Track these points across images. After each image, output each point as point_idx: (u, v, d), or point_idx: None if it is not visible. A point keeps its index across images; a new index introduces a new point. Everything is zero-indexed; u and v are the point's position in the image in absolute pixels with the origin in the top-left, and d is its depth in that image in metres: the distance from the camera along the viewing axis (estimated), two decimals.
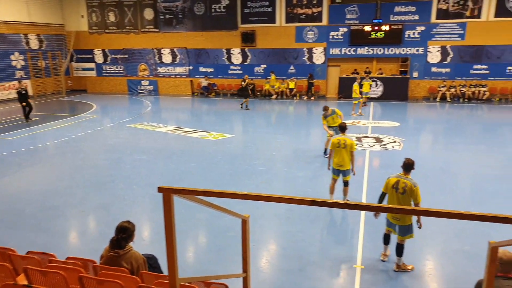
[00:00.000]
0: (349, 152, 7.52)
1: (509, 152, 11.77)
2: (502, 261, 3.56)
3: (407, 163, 5.52)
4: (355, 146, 7.60)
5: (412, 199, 5.39)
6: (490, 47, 20.47)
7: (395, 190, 5.47)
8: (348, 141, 7.55)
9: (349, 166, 7.60)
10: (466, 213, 1.92)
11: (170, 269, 2.57)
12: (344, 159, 7.55)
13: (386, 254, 5.81)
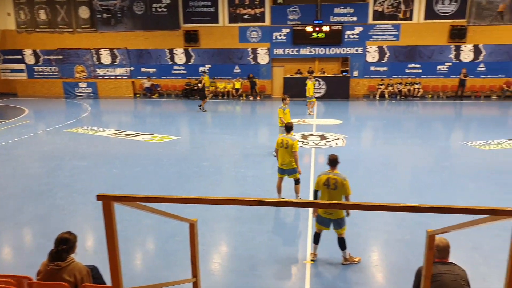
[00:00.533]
0: (290, 152, 7.55)
1: (442, 145, 12.63)
2: (438, 248, 3.76)
3: (331, 159, 5.78)
4: (297, 147, 7.60)
5: (342, 193, 5.60)
6: (422, 47, 21.87)
7: (326, 187, 5.63)
8: (290, 141, 7.56)
9: (293, 165, 7.64)
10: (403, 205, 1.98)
11: (114, 279, 2.40)
12: (286, 159, 7.61)
13: (315, 254, 5.85)
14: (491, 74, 21.78)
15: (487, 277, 5.25)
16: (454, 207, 1.91)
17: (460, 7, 21.00)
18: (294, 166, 7.64)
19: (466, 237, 6.07)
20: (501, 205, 7.59)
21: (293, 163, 7.61)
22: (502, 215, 1.84)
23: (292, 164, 7.62)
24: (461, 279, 3.53)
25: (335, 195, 5.60)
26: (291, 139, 7.60)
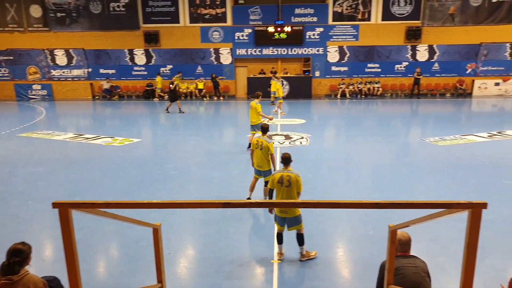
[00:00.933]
0: (266, 154, 7.52)
1: (401, 142, 13.09)
2: (400, 242, 3.88)
3: (284, 157, 5.85)
4: (272, 148, 7.58)
5: (296, 190, 5.69)
6: (380, 47, 22.59)
7: (280, 184, 5.69)
8: (265, 143, 7.51)
9: (267, 167, 7.62)
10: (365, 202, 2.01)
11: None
12: (261, 161, 7.59)
13: (281, 253, 5.87)
14: (445, 73, 22.84)
15: (445, 267, 5.48)
16: (414, 202, 1.96)
17: (414, 9, 21.88)
18: (269, 167, 7.60)
19: (425, 229, 6.30)
20: (457, 197, 7.97)
21: (267, 164, 7.58)
22: (457, 208, 1.92)
23: (266, 166, 7.59)
24: (421, 271, 3.65)
25: (289, 192, 5.66)
26: (266, 141, 7.54)
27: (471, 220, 1.91)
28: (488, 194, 8.23)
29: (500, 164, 10.28)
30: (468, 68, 22.72)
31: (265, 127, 8.01)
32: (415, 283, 3.57)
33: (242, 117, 18.04)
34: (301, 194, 5.76)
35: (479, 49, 22.30)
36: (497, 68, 22.60)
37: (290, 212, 5.63)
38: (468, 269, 2.00)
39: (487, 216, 6.85)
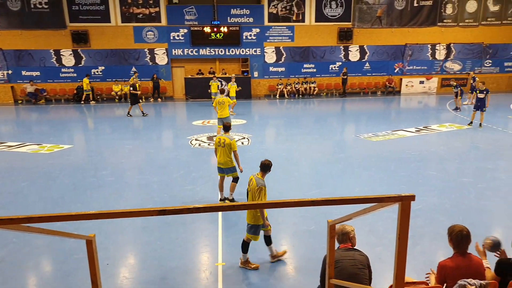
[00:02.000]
0: (229, 151, 7.57)
1: (337, 139, 13.62)
2: (340, 235, 4.03)
3: (262, 163, 5.84)
4: (235, 145, 7.62)
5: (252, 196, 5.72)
6: (314, 48, 23.35)
7: (249, 186, 5.79)
8: (227, 140, 7.55)
9: (230, 164, 7.68)
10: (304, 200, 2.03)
11: None
12: (223, 158, 7.62)
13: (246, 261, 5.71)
14: (375, 72, 24.19)
15: (382, 256, 5.76)
16: (349, 198, 2.02)
17: (345, 11, 22.91)
18: (232, 165, 7.66)
19: (363, 221, 6.59)
20: (389, 188, 8.41)
21: (230, 162, 7.63)
22: (388, 201, 2.00)
23: (229, 163, 7.63)
24: (359, 263, 3.81)
25: (251, 196, 5.73)
26: (229, 138, 7.57)
27: (401, 212, 2.00)
28: (416, 185, 8.83)
29: (426, 157, 11.07)
30: (396, 68, 24.27)
31: (227, 125, 8.00)
32: (352, 275, 3.72)
33: (181, 119, 17.70)
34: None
35: (404, 50, 23.91)
36: (421, 67, 24.39)
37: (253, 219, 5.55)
38: (401, 258, 2.09)
39: (417, 206, 7.36)
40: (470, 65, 24.56)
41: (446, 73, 24.33)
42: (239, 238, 6.11)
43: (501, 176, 9.41)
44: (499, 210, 7.61)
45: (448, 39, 23.96)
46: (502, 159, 10.82)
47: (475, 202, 7.93)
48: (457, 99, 18.01)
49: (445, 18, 23.61)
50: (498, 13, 23.83)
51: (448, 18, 23.63)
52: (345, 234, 4.03)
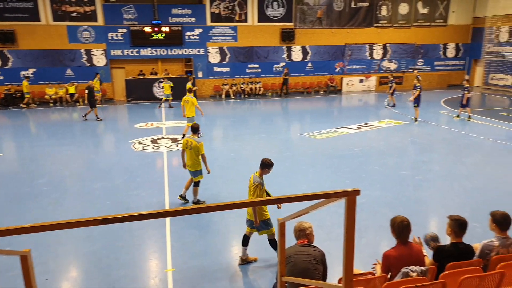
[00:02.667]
0: (196, 153, 7.45)
1: (283, 138, 13.82)
2: (297, 231, 4.11)
3: (262, 161, 5.76)
4: (202, 148, 7.49)
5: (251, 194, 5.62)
6: (258, 48, 23.54)
7: (248, 185, 5.74)
8: (194, 143, 7.44)
9: (197, 167, 7.55)
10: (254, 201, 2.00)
11: None
12: (190, 161, 7.51)
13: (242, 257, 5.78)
14: (317, 72, 24.88)
15: (331, 251, 5.90)
16: (297, 195, 2.02)
17: (287, 11, 23.34)
18: (198, 168, 7.55)
19: (311, 217, 6.73)
20: (334, 184, 8.66)
21: (197, 165, 7.52)
22: (335, 197, 2.03)
23: (196, 166, 7.51)
24: (312, 258, 3.88)
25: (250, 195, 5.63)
26: (195, 141, 7.46)
27: (348, 206, 2.04)
28: (360, 179, 9.19)
29: (368, 152, 11.57)
30: (336, 67, 25.14)
31: (195, 127, 7.86)
32: (304, 269, 3.79)
33: (123, 122, 17.04)
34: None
35: (344, 50, 24.84)
36: (360, 67, 25.49)
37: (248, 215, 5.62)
38: (349, 251, 2.13)
39: (361, 200, 7.64)
40: (404, 64, 26.07)
41: (383, 72, 25.63)
42: (189, 242, 6.00)
43: (435, 168, 10.07)
44: (434, 200, 8.14)
45: (384, 40, 25.27)
46: (435, 152, 11.59)
47: (413, 193, 8.42)
48: (392, 96, 18.96)
49: (381, 19, 24.87)
50: (427, 16, 25.54)
51: (383, 19, 24.90)
52: (302, 231, 4.11)
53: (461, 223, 3.89)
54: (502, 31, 23.95)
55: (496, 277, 3.18)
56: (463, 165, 10.32)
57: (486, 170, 9.91)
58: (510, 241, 3.97)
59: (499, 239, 3.96)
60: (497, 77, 24.71)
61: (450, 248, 3.91)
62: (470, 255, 3.93)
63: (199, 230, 6.68)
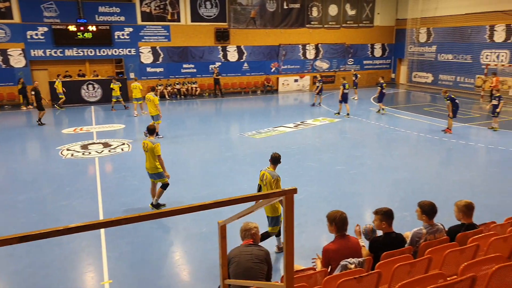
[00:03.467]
0: (152, 156, 7.17)
1: (223, 138, 13.73)
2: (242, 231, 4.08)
3: (273, 156, 6.04)
4: (159, 150, 7.19)
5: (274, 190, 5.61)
6: (193, 48, 23.18)
7: (262, 182, 5.94)
8: (150, 144, 7.19)
9: (156, 170, 7.26)
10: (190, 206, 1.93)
11: None
12: (149, 163, 7.31)
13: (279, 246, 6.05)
14: (254, 72, 25.09)
15: (273, 248, 5.96)
16: (237, 197, 1.97)
17: (220, 11, 23.24)
18: (159, 170, 7.30)
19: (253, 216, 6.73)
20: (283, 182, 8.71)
21: (158, 167, 7.28)
22: (273, 197, 2.02)
23: (156, 169, 7.28)
24: (256, 258, 3.87)
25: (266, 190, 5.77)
26: (151, 142, 7.23)
27: (286, 205, 2.04)
28: (298, 176, 9.40)
29: (305, 149, 11.89)
30: (272, 67, 25.55)
31: (152, 128, 7.58)
32: (247, 269, 3.78)
33: (48, 127, 15.83)
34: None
35: (279, 50, 25.32)
36: (294, 67, 26.14)
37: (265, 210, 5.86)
38: (289, 248, 2.13)
39: (300, 196, 7.81)
40: (336, 64, 27.20)
41: (316, 71, 26.51)
42: (127, 252, 5.71)
43: (367, 162, 10.61)
44: (368, 192, 8.56)
45: (316, 40, 26.14)
46: (367, 147, 12.23)
47: (348, 187, 8.78)
48: (318, 96, 19.49)
49: (312, 20, 25.70)
50: (355, 17, 26.87)
51: (314, 20, 25.76)
52: (248, 230, 4.10)
53: (389, 213, 4.12)
54: (422, 32, 25.92)
55: (425, 262, 3.39)
56: (392, 158, 10.98)
57: (413, 161, 10.63)
58: (436, 227, 4.27)
59: (427, 227, 4.25)
60: (419, 75, 26.71)
61: (383, 239, 4.11)
62: (402, 243, 4.17)
63: (138, 238, 6.39)
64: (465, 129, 14.12)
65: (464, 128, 14.26)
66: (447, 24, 23.98)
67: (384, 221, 4.10)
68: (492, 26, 21.30)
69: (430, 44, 25.53)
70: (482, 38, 21.98)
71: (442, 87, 22.78)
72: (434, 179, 9.19)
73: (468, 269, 2.90)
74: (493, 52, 21.47)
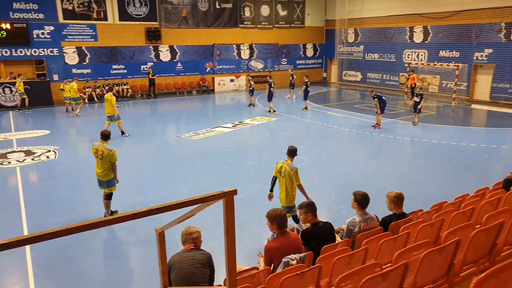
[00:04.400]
0: (107, 162, 6.90)
1: (159, 141, 13.30)
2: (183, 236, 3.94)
3: (290, 149, 6.24)
4: (115, 156, 6.94)
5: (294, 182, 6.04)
6: (122, 48, 22.19)
7: (279, 174, 6.10)
8: (106, 151, 6.87)
9: (109, 176, 7.00)
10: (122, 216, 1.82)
11: None
12: (101, 169, 6.97)
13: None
14: (188, 72, 24.66)
15: (215, 251, 5.84)
16: (174, 203, 1.88)
17: (151, 10, 22.51)
18: (110, 177, 7.01)
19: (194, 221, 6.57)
20: (215, 183, 8.65)
21: (110, 173, 6.98)
22: (212, 200, 1.96)
23: (107, 176, 6.97)
24: (197, 262, 3.76)
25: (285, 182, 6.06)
26: (107, 149, 6.91)
27: (226, 207, 1.99)
28: (238, 176, 9.39)
29: (244, 149, 11.91)
30: (207, 67, 25.31)
31: (106, 134, 7.10)
32: (189, 274, 3.67)
33: None
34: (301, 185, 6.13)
35: (213, 50, 25.14)
36: (230, 67, 26.13)
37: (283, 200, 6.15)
38: (230, 251, 2.09)
39: (241, 196, 7.78)
40: (270, 64, 27.64)
41: (252, 71, 26.75)
42: (57, 267, 5.27)
43: (304, 159, 10.86)
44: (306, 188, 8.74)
45: (249, 40, 26.35)
46: (302, 144, 12.54)
47: None
48: (251, 96, 19.68)
49: (245, 20, 25.87)
50: (287, 17, 27.51)
51: (247, 20, 25.94)
52: (189, 234, 3.98)
53: (311, 205, 4.35)
54: (350, 33, 27.24)
55: (362, 253, 3.51)
56: (327, 153, 11.39)
57: (346, 156, 11.11)
58: (368, 215, 4.51)
59: (360, 215, 4.48)
60: (349, 74, 28.04)
61: (311, 229, 4.27)
62: (331, 229, 4.41)
63: (69, 251, 5.95)
64: (392, 124, 15.07)
65: (392, 123, 15.22)
66: (372, 25, 25.45)
67: (309, 213, 4.30)
68: (412, 27, 22.98)
69: (358, 44, 26.91)
70: (404, 39, 23.63)
71: (371, 85, 24.25)
72: (366, 172, 9.67)
73: (401, 256, 3.04)
74: (414, 52, 23.19)
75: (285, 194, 6.06)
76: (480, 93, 20.25)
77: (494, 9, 18.65)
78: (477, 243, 3.18)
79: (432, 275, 2.99)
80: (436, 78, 22.14)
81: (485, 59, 19.54)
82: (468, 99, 20.31)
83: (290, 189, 6.04)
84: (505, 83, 18.87)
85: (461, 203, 5.12)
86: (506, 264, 2.04)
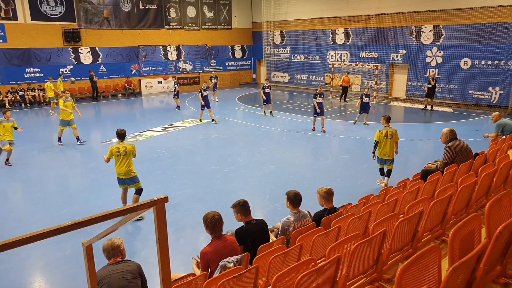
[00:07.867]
0: (129, 158, 7.13)
1: (82, 148, 12.48)
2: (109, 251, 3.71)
3: (387, 117, 8.55)
4: (135, 148, 7.32)
5: (395, 140, 8.34)
6: (37, 50, 20.54)
7: (385, 137, 8.26)
8: (129, 146, 7.16)
9: (131, 174, 7.18)
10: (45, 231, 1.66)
11: None
12: (124, 168, 7.09)
13: (383, 182, 8.54)
14: (112, 75, 23.52)
15: (149, 260, 5.63)
16: (99, 216, 1.76)
17: (67, 10, 21.07)
18: (134, 174, 7.20)
19: (125, 229, 6.27)
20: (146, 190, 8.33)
21: (133, 170, 7.17)
22: (142, 209, 1.88)
23: (131, 172, 7.14)
24: (128, 274, 3.59)
25: (391, 143, 8.34)
26: (130, 144, 7.25)
27: (157, 215, 1.91)
28: (171, 181, 9.15)
29: (176, 152, 11.64)
30: (132, 69, 24.35)
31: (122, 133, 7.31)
32: (121, 287, 3.47)
33: None
34: (398, 142, 8.54)
35: (138, 51, 24.26)
36: (157, 68, 25.41)
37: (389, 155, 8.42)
38: (164, 260, 2.02)
39: (175, 201, 7.59)
40: (199, 65, 27.36)
41: (180, 73, 26.27)
42: None
43: (238, 159, 10.93)
44: (241, 188, 8.82)
45: (176, 41, 25.85)
46: (236, 145, 12.60)
47: (222, 185, 8.90)
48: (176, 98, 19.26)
49: (171, 21, 25.32)
50: (213, 19, 27.44)
51: (173, 21, 25.42)
52: (115, 249, 3.76)
53: (243, 204, 4.38)
54: (276, 35, 27.91)
55: (297, 249, 3.59)
56: (260, 153, 11.55)
57: (278, 155, 11.35)
58: (301, 214, 4.63)
59: (293, 215, 4.58)
60: (277, 75, 28.71)
61: (245, 228, 4.32)
62: (264, 226, 4.47)
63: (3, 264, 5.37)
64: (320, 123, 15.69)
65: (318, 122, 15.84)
66: (297, 27, 26.33)
67: (239, 212, 4.35)
68: (334, 30, 24.17)
69: (284, 46, 27.66)
70: (327, 41, 24.77)
71: (298, 86, 25.06)
72: (297, 170, 9.97)
73: (333, 250, 3.16)
74: (337, 53, 24.40)
75: (389, 149, 8.34)
76: (398, 91, 21.92)
77: (406, 13, 20.28)
78: (401, 232, 3.40)
79: (362, 266, 3.14)
80: (358, 78, 23.52)
81: (400, 59, 21.19)
82: (388, 97, 21.88)
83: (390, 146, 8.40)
84: (418, 82, 20.62)
85: (386, 195, 5.47)
86: (426, 250, 2.21)
